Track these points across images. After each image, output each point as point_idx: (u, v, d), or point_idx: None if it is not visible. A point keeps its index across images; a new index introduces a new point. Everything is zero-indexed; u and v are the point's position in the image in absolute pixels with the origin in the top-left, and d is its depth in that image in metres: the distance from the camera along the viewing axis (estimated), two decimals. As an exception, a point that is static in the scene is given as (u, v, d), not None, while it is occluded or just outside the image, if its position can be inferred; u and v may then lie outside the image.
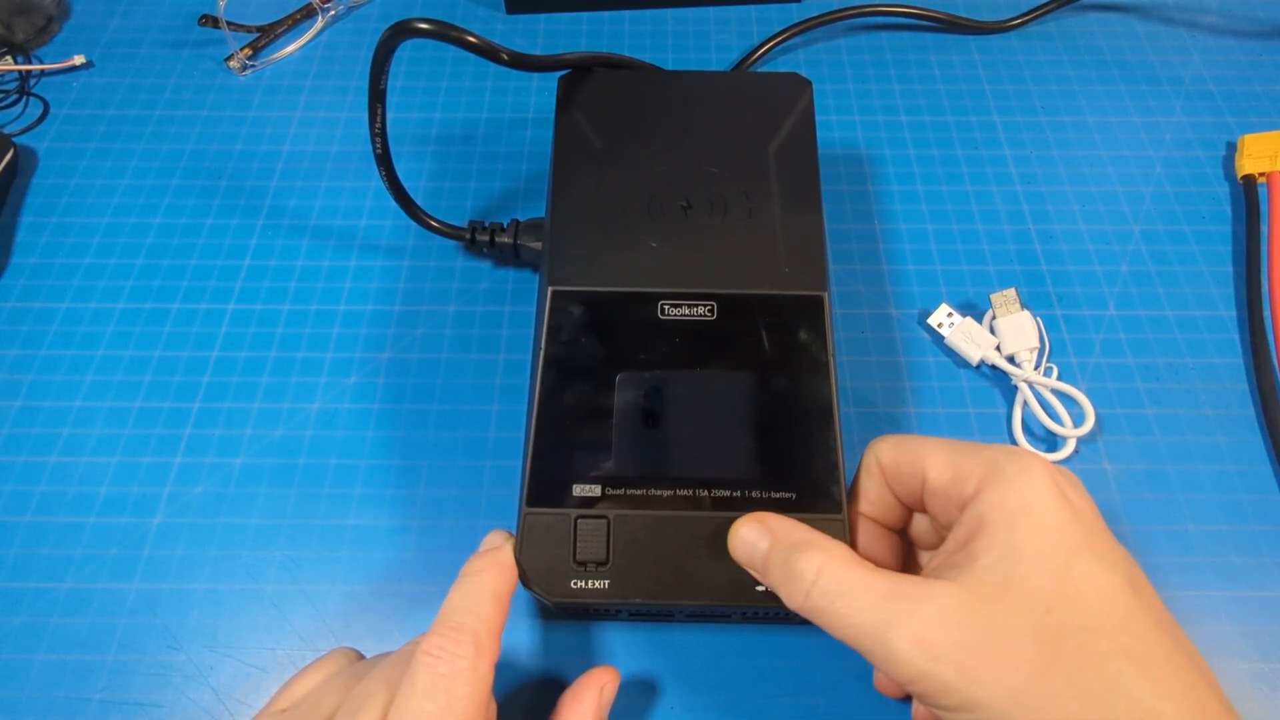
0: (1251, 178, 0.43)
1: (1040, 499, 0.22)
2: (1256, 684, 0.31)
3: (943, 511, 0.25)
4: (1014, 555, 0.22)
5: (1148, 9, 0.52)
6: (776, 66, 0.50)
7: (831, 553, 0.24)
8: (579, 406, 0.30)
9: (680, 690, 0.31)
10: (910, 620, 0.22)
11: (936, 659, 0.21)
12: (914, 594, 0.22)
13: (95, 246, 0.42)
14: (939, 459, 0.25)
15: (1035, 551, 0.22)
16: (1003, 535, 0.22)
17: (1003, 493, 0.23)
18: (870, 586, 0.23)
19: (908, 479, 0.26)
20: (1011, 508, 0.23)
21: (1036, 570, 0.22)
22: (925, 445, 0.26)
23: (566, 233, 0.33)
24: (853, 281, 0.41)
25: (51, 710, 0.30)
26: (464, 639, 0.24)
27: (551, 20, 0.52)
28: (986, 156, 0.45)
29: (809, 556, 0.24)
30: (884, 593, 0.22)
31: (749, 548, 0.26)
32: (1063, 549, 0.22)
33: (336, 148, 0.46)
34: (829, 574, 0.23)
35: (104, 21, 0.51)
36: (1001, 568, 0.22)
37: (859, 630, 0.22)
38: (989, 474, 0.23)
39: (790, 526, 0.26)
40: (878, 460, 0.27)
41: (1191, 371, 0.38)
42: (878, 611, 0.22)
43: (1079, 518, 0.23)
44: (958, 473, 0.24)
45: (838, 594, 0.23)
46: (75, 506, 0.34)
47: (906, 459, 0.26)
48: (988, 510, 0.23)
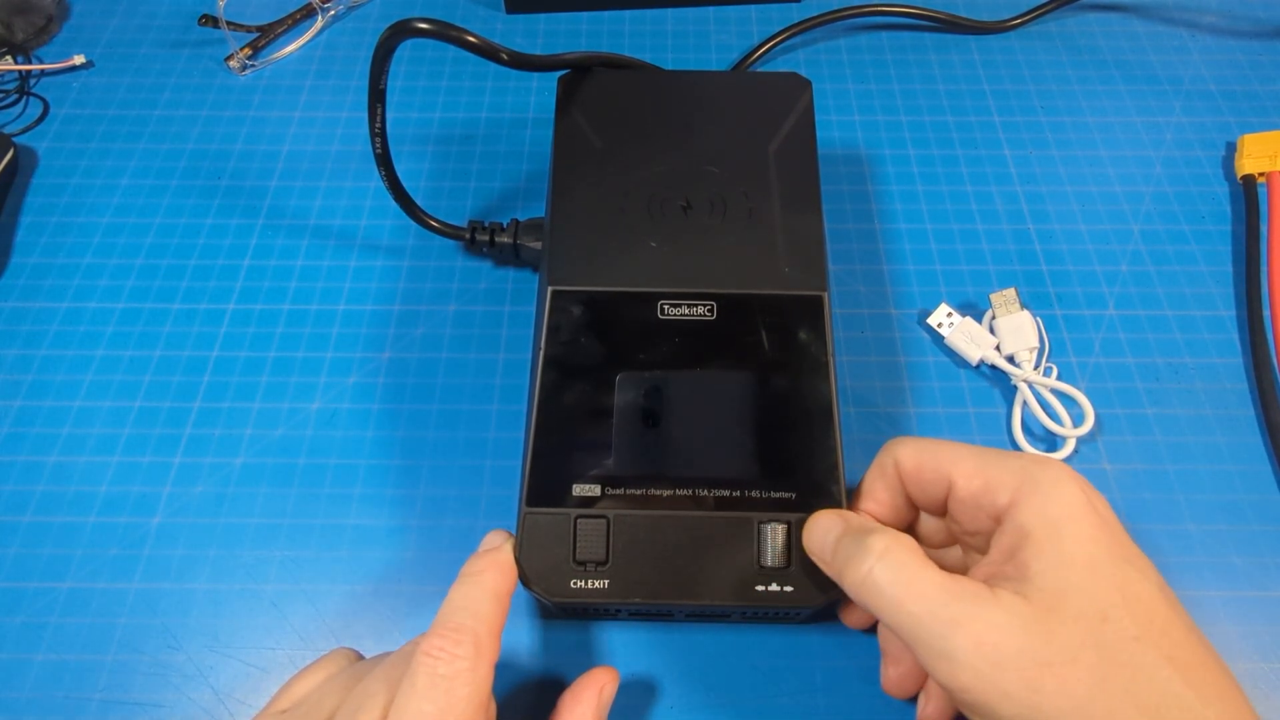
0: (1251, 178, 0.43)
1: (1075, 509, 0.23)
2: (1256, 684, 0.31)
3: (970, 520, 0.25)
4: (1067, 564, 0.22)
5: (1148, 9, 0.52)
6: (776, 66, 0.50)
7: (900, 539, 0.24)
8: (579, 406, 0.30)
9: (680, 690, 0.31)
10: (974, 621, 0.22)
11: (999, 664, 0.21)
12: (979, 596, 0.22)
13: (95, 246, 0.42)
14: (967, 467, 0.25)
15: (1086, 561, 0.22)
16: (1050, 545, 0.22)
17: (1040, 503, 0.23)
18: (935, 579, 0.23)
19: (930, 485, 0.26)
20: (1053, 517, 0.23)
21: (1088, 579, 0.22)
22: (951, 452, 0.26)
23: (566, 233, 0.33)
24: (853, 281, 0.41)
25: (51, 710, 0.30)
26: (464, 639, 0.24)
27: (551, 20, 0.52)
28: (986, 156, 0.45)
29: (877, 537, 0.24)
30: (949, 589, 0.22)
31: (822, 533, 0.26)
32: (1106, 558, 0.22)
33: (336, 148, 0.46)
34: (894, 555, 0.23)
35: (104, 21, 0.51)
36: (1056, 575, 0.22)
37: (916, 620, 0.22)
38: (1022, 484, 0.23)
39: (864, 518, 0.27)
40: (896, 462, 0.27)
41: (1191, 371, 0.38)
42: (941, 606, 0.22)
43: (1108, 527, 0.23)
44: (988, 482, 0.24)
45: (900, 579, 0.23)
46: (75, 506, 0.34)
47: (930, 464, 0.26)
48: (1029, 520, 0.23)
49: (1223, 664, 0.22)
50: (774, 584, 0.28)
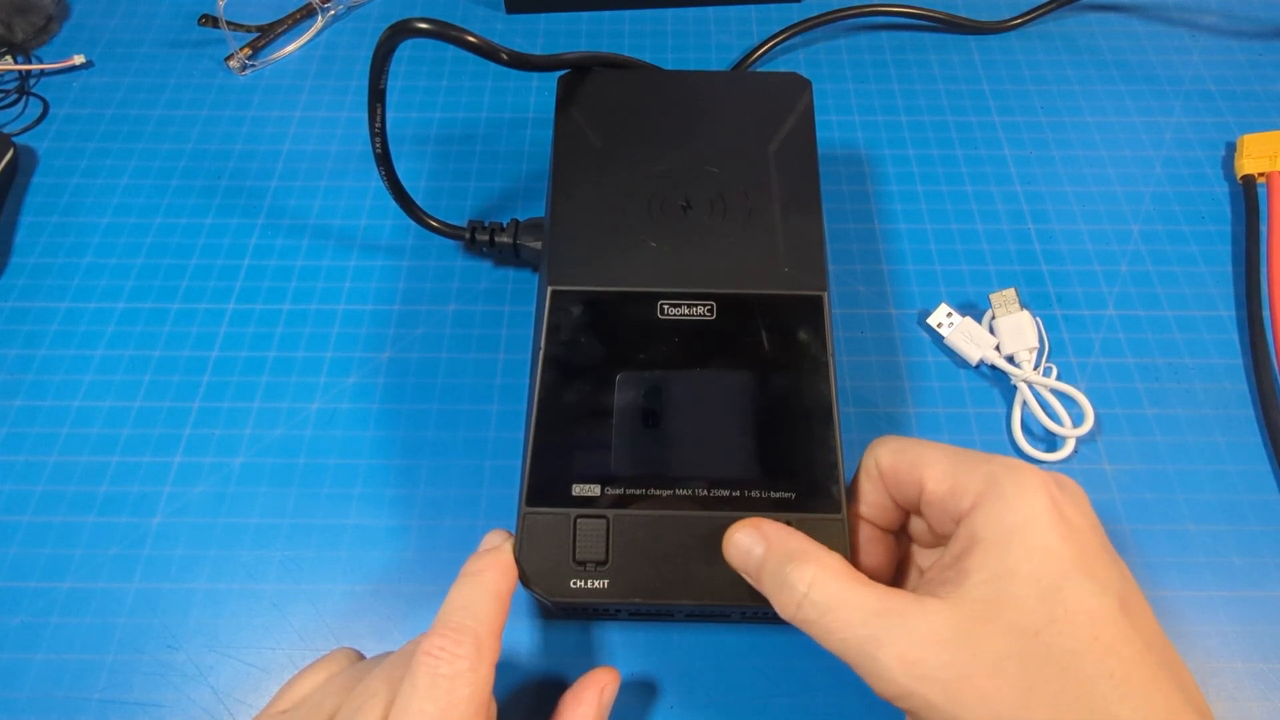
0: (1251, 178, 0.43)
1: (1036, 517, 0.22)
2: (1256, 684, 0.31)
3: (939, 523, 0.25)
4: (1006, 575, 0.22)
5: (1148, 9, 0.52)
6: (776, 66, 0.50)
7: (825, 564, 0.24)
8: (579, 406, 0.30)
9: (680, 690, 0.31)
10: (898, 638, 0.22)
11: (922, 678, 0.21)
12: (903, 610, 0.22)
13: (95, 246, 0.42)
14: (938, 469, 0.25)
15: (1027, 573, 0.22)
16: (995, 554, 0.22)
17: (999, 509, 0.23)
18: (861, 602, 0.23)
19: (905, 486, 0.26)
20: (1006, 526, 0.22)
21: (1027, 592, 0.21)
22: (925, 453, 0.25)
23: (566, 232, 0.33)
24: (853, 281, 0.41)
25: (51, 710, 0.30)
26: (465, 640, 0.24)
27: (551, 20, 0.52)
28: (986, 156, 0.45)
29: (802, 568, 0.24)
30: (874, 609, 0.22)
31: (743, 554, 0.26)
32: (1055, 570, 0.22)
33: (336, 147, 0.46)
34: (820, 587, 0.23)
35: (104, 21, 0.51)
36: (992, 587, 0.22)
37: (846, 644, 0.22)
38: (986, 490, 0.23)
39: (785, 534, 0.26)
40: (876, 463, 0.27)
41: (1191, 371, 0.38)
42: (866, 627, 0.22)
43: (1075, 536, 0.22)
44: (954, 486, 0.24)
45: (828, 608, 0.23)
46: (75, 506, 0.34)
47: (905, 465, 0.26)
48: (981, 527, 0.23)
49: (1185, 683, 0.21)
50: (774, 584, 0.28)
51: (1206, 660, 0.31)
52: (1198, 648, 0.31)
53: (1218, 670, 0.31)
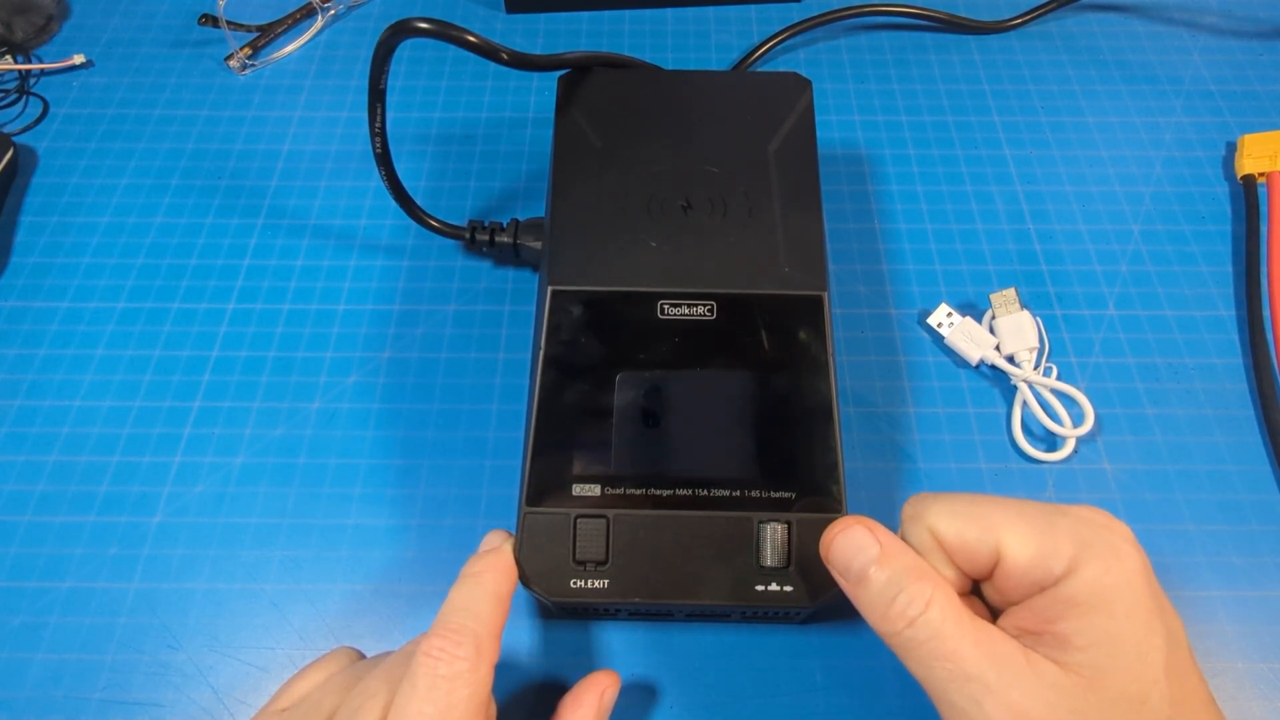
0: (1251, 178, 0.43)
1: (1135, 580, 0.22)
2: (1256, 684, 0.31)
3: (1014, 589, 0.23)
4: (1115, 641, 0.21)
5: (1148, 9, 0.52)
6: (776, 66, 0.50)
7: (944, 589, 0.22)
8: (579, 406, 0.30)
9: (680, 690, 0.31)
10: (1009, 688, 0.21)
11: None
12: (1015, 663, 0.21)
13: (95, 246, 0.42)
14: (1017, 534, 0.23)
15: (1135, 640, 0.21)
16: (1099, 619, 0.21)
17: (1095, 573, 0.22)
18: (976, 638, 0.22)
19: (978, 556, 0.23)
20: (1107, 588, 0.21)
21: (1137, 660, 0.21)
22: (994, 515, 0.23)
23: (566, 232, 0.33)
24: (853, 281, 0.41)
25: (51, 710, 0.30)
26: (465, 640, 0.24)
27: (551, 20, 0.52)
28: (986, 156, 0.45)
29: (922, 585, 0.22)
30: (988, 650, 0.21)
31: (852, 551, 0.24)
32: (1155, 633, 0.21)
33: (336, 147, 0.46)
34: (938, 609, 0.22)
35: (104, 21, 0.51)
36: (1102, 652, 0.21)
37: (947, 676, 0.21)
38: (1079, 553, 0.22)
39: (900, 544, 0.24)
40: (933, 534, 0.24)
41: (1191, 371, 0.38)
42: (976, 667, 0.21)
43: (1155, 595, 0.22)
44: (1040, 550, 0.22)
45: (941, 635, 0.22)
46: (75, 506, 0.34)
47: (974, 533, 0.23)
48: (1078, 590, 0.22)
49: None
50: (773, 584, 0.28)
51: (1206, 660, 0.31)
52: (1198, 648, 0.31)
53: (1218, 670, 0.31)
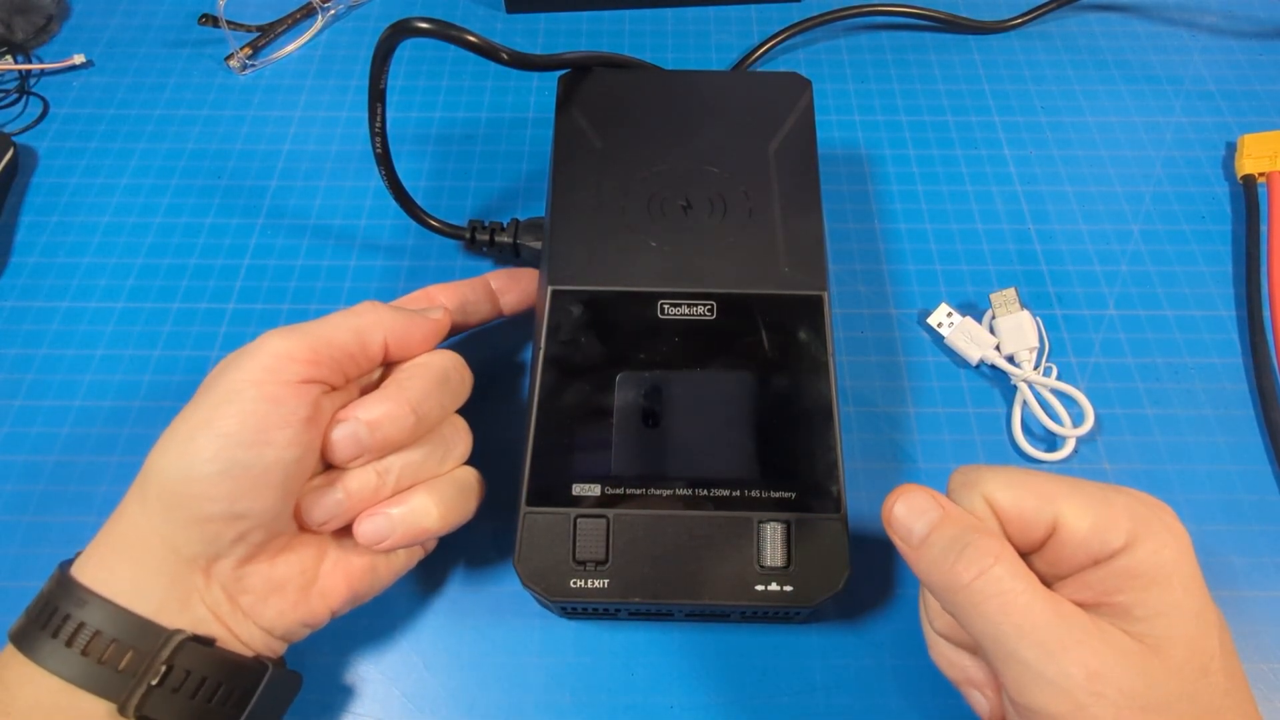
0: (1251, 178, 0.43)
1: (1186, 554, 0.22)
2: (1256, 684, 0.31)
3: (1068, 561, 0.23)
4: (1177, 611, 0.21)
5: (1148, 9, 0.52)
6: (776, 66, 0.50)
7: (1008, 547, 0.23)
8: (579, 406, 0.30)
9: (680, 690, 0.31)
10: (1082, 647, 0.21)
11: (1099, 696, 0.20)
12: (1088, 624, 0.21)
13: (95, 246, 0.42)
14: (1076, 506, 0.23)
15: (1195, 610, 0.22)
16: (1161, 590, 0.22)
17: (1154, 547, 0.22)
18: (1044, 595, 0.22)
19: (1034, 526, 0.23)
20: (1165, 561, 0.22)
21: (1198, 630, 0.21)
22: (1051, 488, 0.24)
23: (566, 232, 0.33)
24: (853, 281, 0.41)
25: (51, 710, 0.30)
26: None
27: (551, 20, 0.52)
28: (986, 156, 0.45)
29: (989, 541, 0.23)
30: (1058, 609, 0.21)
31: (917, 513, 0.24)
32: (1210, 612, 0.22)
33: (336, 147, 0.46)
34: (1007, 565, 0.22)
35: (104, 21, 0.51)
36: (1166, 623, 0.21)
37: (1019, 632, 0.21)
38: (1136, 527, 0.22)
39: (958, 508, 0.24)
40: (990, 504, 0.24)
41: (1191, 371, 0.38)
42: (1050, 624, 0.21)
43: (1199, 574, 0.22)
44: (1098, 523, 0.23)
45: (1012, 590, 0.22)
46: (75, 506, 0.34)
47: (1032, 504, 0.23)
48: (1140, 563, 0.22)
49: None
50: (773, 584, 0.28)
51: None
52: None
53: (1218, 670, 0.31)
